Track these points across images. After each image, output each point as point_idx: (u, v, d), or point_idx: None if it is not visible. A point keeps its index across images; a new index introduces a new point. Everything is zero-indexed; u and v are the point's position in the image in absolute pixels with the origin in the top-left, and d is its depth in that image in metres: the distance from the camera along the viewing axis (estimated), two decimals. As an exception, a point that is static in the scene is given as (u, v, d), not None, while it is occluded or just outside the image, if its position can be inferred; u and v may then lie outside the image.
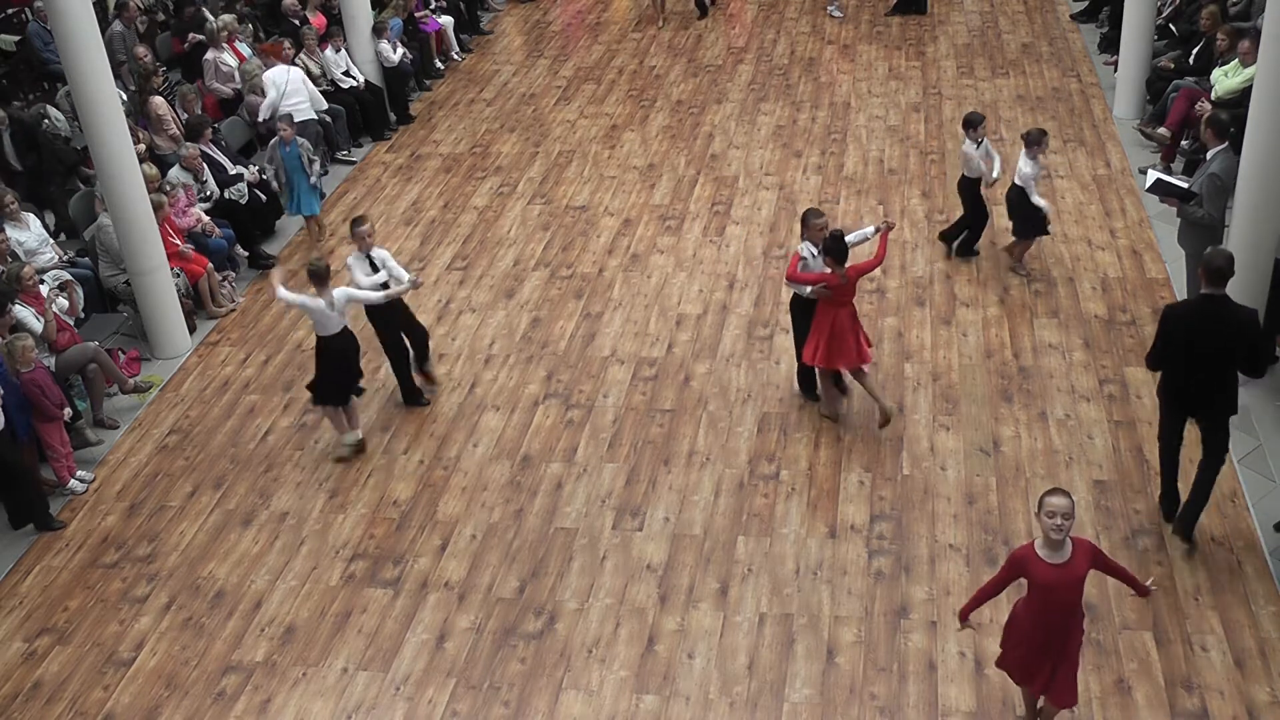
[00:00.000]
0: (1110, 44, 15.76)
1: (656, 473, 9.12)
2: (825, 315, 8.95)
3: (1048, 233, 11.09)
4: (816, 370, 9.38)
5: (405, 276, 9.54)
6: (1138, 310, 10.57)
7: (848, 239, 8.96)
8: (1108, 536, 8.16)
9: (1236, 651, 7.26)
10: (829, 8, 18.35)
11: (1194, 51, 13.10)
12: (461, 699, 7.39)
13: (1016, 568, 6.13)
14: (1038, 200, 10.66)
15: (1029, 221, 10.89)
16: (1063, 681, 6.36)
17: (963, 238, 11.48)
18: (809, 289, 8.96)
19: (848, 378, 9.50)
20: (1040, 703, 6.70)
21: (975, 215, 11.33)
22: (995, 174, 11.04)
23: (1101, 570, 6.19)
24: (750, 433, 9.46)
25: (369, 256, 9.55)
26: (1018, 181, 10.69)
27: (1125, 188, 12.65)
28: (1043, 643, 6.25)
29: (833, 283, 8.78)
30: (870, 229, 9.43)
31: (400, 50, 15.62)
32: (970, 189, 11.19)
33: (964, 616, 6.46)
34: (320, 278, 9.08)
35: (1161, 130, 12.80)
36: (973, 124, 10.87)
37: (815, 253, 8.93)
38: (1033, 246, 11.24)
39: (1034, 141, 10.58)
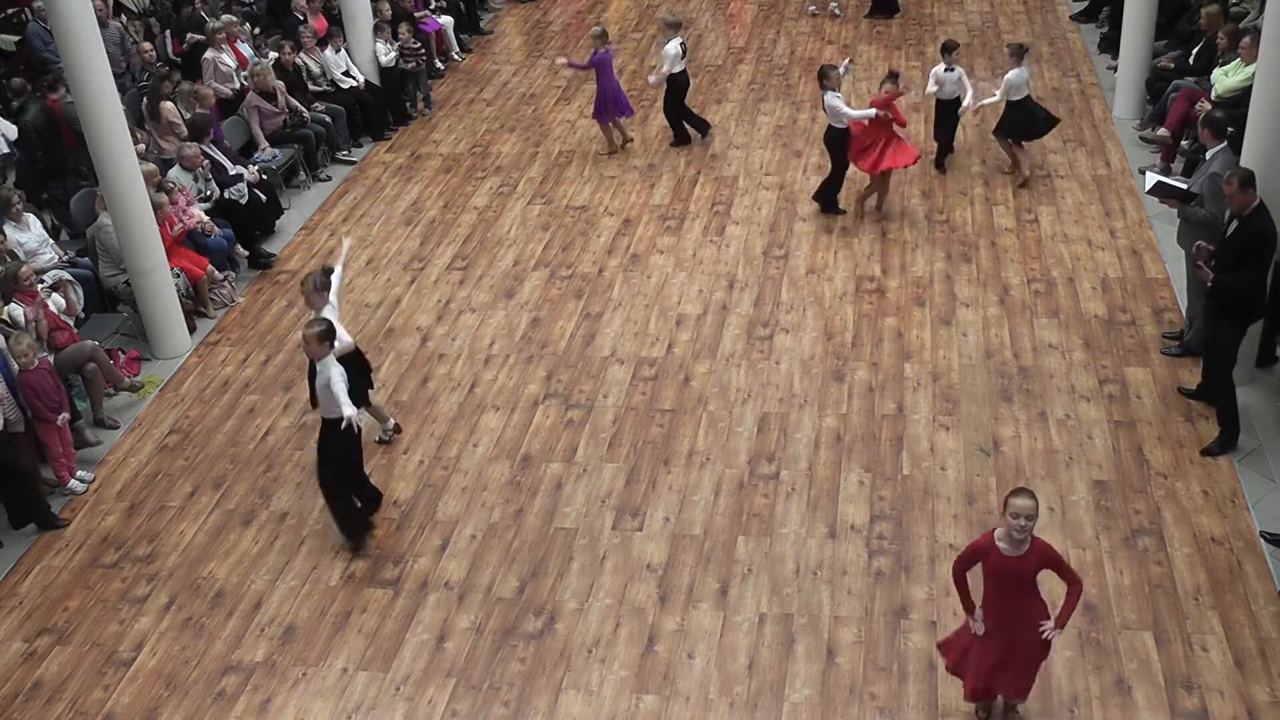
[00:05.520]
0: (1110, 44, 15.75)
1: (656, 473, 9.12)
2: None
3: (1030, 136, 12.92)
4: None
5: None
6: (1138, 310, 10.57)
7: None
8: (1108, 537, 8.16)
9: (1236, 651, 7.25)
10: (831, 6, 18.35)
11: (1194, 51, 13.11)
12: (461, 699, 7.39)
13: (973, 555, 6.35)
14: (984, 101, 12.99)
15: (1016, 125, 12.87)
16: (1017, 675, 6.51)
17: (936, 155, 13.30)
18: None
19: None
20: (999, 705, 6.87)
21: (946, 133, 13.18)
22: (969, 100, 12.72)
23: (1053, 570, 6.30)
24: (750, 433, 9.46)
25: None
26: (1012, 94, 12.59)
27: (1125, 188, 12.65)
28: (995, 634, 6.39)
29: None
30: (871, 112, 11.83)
31: (392, 52, 15.57)
32: (947, 111, 12.97)
33: (971, 612, 6.55)
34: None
35: (1162, 131, 12.81)
36: (949, 50, 12.71)
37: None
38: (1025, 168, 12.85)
39: (1016, 53, 12.64)
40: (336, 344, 8.27)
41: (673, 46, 13.81)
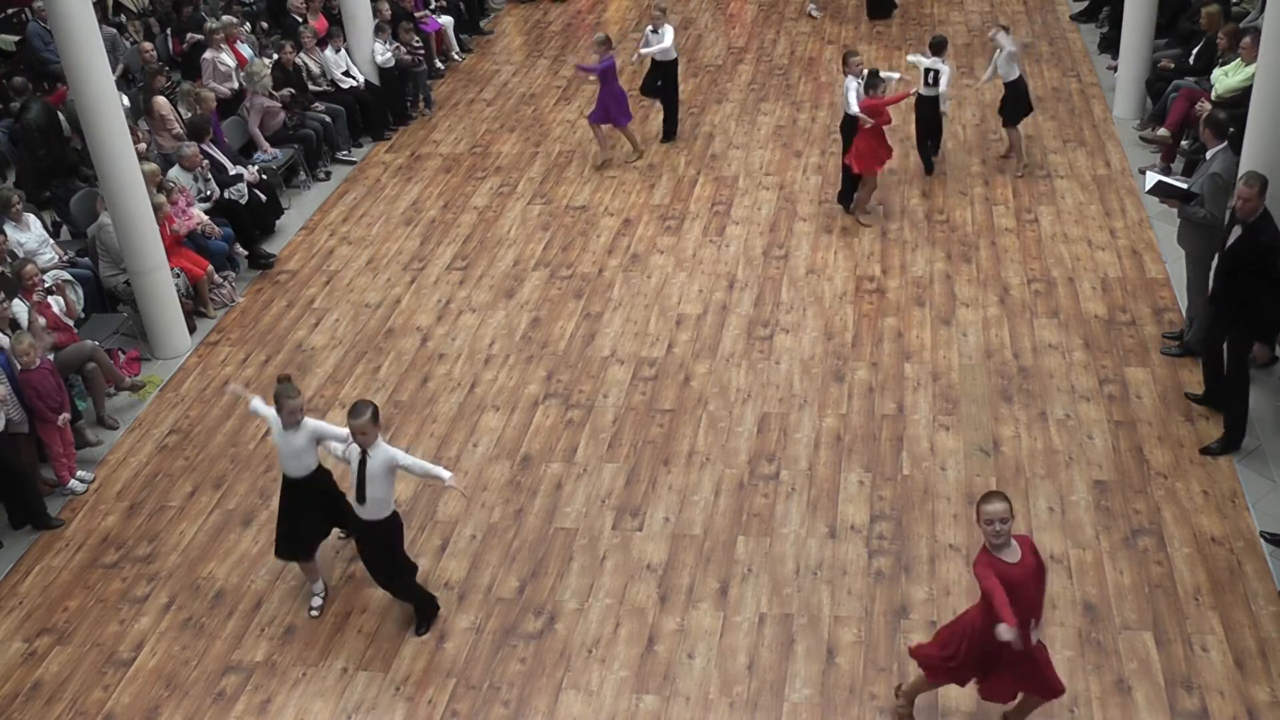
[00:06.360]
0: (1110, 44, 15.75)
1: (656, 473, 9.12)
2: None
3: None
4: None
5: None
6: (1138, 310, 10.58)
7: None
8: (1108, 537, 8.16)
9: (1236, 651, 7.26)
10: (809, 7, 18.41)
11: (1194, 51, 13.11)
12: (461, 699, 7.39)
13: (995, 569, 6.05)
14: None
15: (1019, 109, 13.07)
16: (1043, 675, 6.38)
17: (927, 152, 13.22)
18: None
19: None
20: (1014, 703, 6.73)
21: (934, 130, 13.20)
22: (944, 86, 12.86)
23: None
24: (750, 433, 9.46)
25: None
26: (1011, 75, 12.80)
27: (1125, 188, 12.65)
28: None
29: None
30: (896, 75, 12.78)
31: (388, 52, 15.56)
32: (931, 108, 12.96)
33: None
34: None
35: (1162, 131, 12.81)
36: (941, 46, 12.83)
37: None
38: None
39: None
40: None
41: (664, 34, 14.01)
